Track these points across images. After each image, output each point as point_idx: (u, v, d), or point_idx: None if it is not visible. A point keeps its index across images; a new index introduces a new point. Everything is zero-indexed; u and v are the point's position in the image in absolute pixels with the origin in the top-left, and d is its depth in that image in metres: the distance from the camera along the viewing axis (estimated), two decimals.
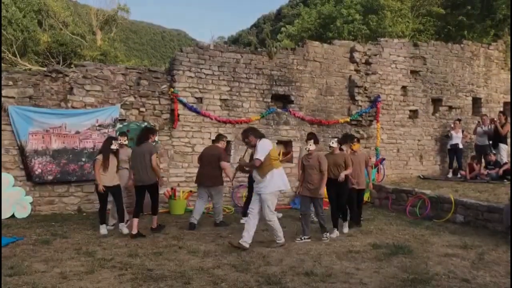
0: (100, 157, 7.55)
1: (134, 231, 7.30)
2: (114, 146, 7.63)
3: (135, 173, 7.65)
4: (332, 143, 7.72)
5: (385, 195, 10.86)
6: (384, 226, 8.47)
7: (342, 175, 7.52)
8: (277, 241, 6.77)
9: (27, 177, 9.24)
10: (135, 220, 7.37)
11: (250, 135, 6.82)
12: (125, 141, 8.26)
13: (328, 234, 7.26)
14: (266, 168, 6.59)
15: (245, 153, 7.76)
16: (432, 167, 13.49)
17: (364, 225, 8.46)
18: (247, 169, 7.48)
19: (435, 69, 13.48)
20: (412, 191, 10.15)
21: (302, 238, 7.14)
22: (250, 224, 6.65)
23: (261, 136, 6.90)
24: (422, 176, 12.81)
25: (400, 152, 13.05)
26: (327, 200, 7.96)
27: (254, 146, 6.79)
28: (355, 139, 8.85)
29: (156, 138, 9.80)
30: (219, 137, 9.09)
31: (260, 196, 6.67)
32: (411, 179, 12.58)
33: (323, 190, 7.21)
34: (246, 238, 6.54)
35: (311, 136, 7.84)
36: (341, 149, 7.88)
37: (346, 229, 7.89)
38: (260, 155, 6.59)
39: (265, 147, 6.65)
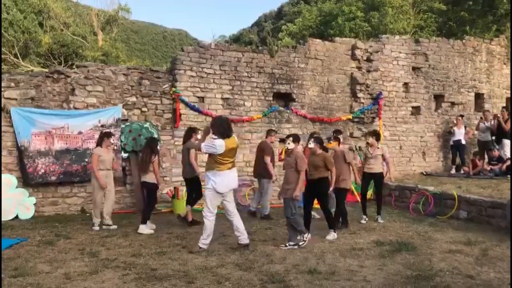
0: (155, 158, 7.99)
1: (190, 219, 8.20)
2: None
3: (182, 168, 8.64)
4: (310, 143, 7.30)
5: (388, 192, 10.83)
6: (387, 223, 8.47)
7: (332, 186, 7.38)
8: (200, 242, 6.35)
9: (24, 179, 9.18)
10: (189, 208, 8.36)
11: (213, 127, 6.43)
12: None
13: (306, 235, 6.68)
14: (208, 165, 6.42)
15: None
16: (435, 163, 13.46)
17: (367, 222, 8.45)
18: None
19: (437, 65, 13.44)
20: (415, 187, 10.13)
21: (287, 244, 6.62)
22: (237, 224, 6.49)
23: (224, 135, 6.35)
24: (425, 173, 12.79)
25: (402, 149, 13.03)
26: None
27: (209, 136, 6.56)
28: (332, 137, 8.54)
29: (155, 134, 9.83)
30: (269, 132, 9.65)
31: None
32: (414, 176, 12.55)
33: (298, 192, 6.68)
34: (244, 235, 6.49)
35: (290, 135, 7.33)
36: (325, 149, 7.56)
37: (330, 236, 7.14)
38: (207, 147, 6.31)
39: (214, 145, 6.23)
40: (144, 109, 10.25)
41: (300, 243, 6.59)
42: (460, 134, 12.63)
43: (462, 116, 13.05)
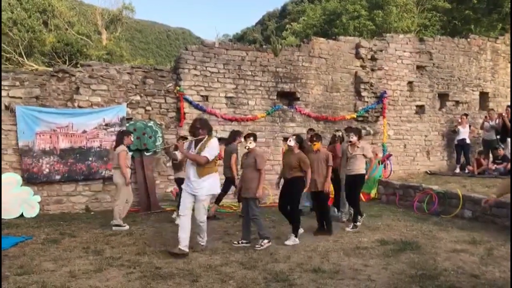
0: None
1: (211, 214, 8.29)
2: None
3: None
4: (290, 141, 7.07)
5: (392, 191, 10.82)
6: (392, 222, 8.44)
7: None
8: (200, 243, 6.37)
9: (25, 177, 9.18)
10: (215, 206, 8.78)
11: (204, 128, 6.25)
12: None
13: (265, 241, 6.46)
14: (208, 169, 6.17)
15: (189, 141, 6.48)
16: (439, 162, 13.42)
17: (371, 222, 8.42)
18: (177, 156, 7.50)
19: (441, 64, 13.40)
20: (419, 186, 10.10)
21: (239, 242, 6.59)
22: (186, 226, 6.15)
23: (211, 134, 6.39)
24: (429, 172, 12.75)
25: (407, 148, 13.00)
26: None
27: (198, 140, 6.19)
28: (319, 138, 7.84)
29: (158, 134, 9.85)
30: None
31: (195, 197, 6.15)
32: (418, 175, 12.52)
33: (260, 191, 6.55)
34: (186, 242, 6.06)
35: (250, 134, 7.06)
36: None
37: (289, 241, 6.73)
38: (210, 154, 6.12)
39: (215, 148, 6.21)
40: (148, 108, 10.27)
41: (256, 246, 6.37)
42: (464, 133, 12.59)
43: (466, 115, 13.00)
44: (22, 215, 8.91)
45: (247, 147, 6.79)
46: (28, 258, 5.84)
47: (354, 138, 8.09)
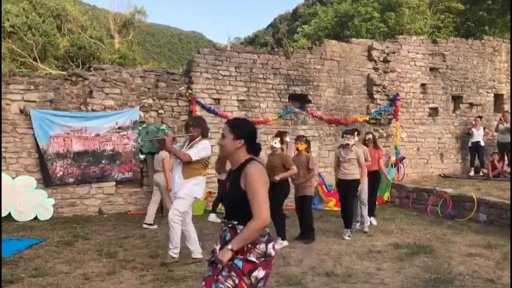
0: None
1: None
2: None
3: None
4: (275, 143, 6.95)
5: (405, 194, 10.74)
6: (405, 226, 8.38)
7: (276, 178, 6.65)
8: (170, 254, 5.76)
9: (45, 181, 9.33)
10: None
11: (197, 127, 6.00)
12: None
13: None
14: (194, 171, 5.84)
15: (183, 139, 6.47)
16: (453, 165, 13.28)
17: (384, 225, 8.37)
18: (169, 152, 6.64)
19: (455, 65, 13.27)
20: (433, 190, 10.01)
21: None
22: (191, 234, 6.00)
23: (205, 135, 6.12)
24: (443, 175, 12.62)
25: (420, 151, 12.89)
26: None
27: (192, 139, 5.97)
28: (304, 138, 7.56)
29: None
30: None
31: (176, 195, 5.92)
32: (432, 178, 12.40)
33: None
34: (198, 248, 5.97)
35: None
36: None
37: (276, 245, 6.52)
38: (194, 154, 5.77)
39: (203, 150, 5.87)
40: (160, 111, 10.32)
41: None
42: (479, 135, 12.44)
43: (480, 117, 12.85)
44: (36, 217, 9.00)
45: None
46: (43, 260, 5.90)
47: (351, 140, 7.58)
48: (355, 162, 7.54)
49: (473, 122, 12.78)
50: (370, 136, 8.98)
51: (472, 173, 12.38)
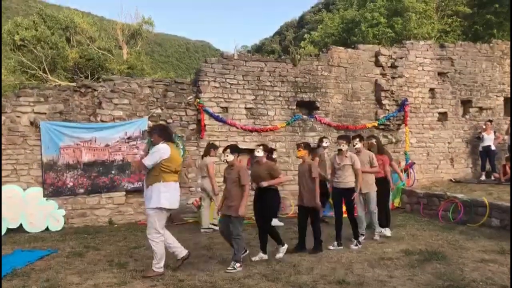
0: None
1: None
2: None
3: None
4: (258, 152, 6.58)
5: (416, 200, 10.65)
6: (416, 232, 8.30)
7: (263, 184, 6.38)
8: (153, 268, 5.65)
9: (45, 192, 9.31)
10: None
11: (154, 134, 5.86)
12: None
13: (236, 264, 5.92)
14: (153, 177, 5.64)
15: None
16: (464, 170, 13.16)
17: (395, 231, 8.29)
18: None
19: (463, 70, 13.20)
20: (444, 195, 9.91)
21: (234, 266, 5.90)
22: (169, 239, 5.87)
23: (167, 139, 5.82)
24: (454, 180, 12.51)
25: (430, 156, 12.80)
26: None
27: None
28: (302, 145, 7.18)
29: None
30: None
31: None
32: (443, 183, 12.29)
33: (243, 209, 6.07)
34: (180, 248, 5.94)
35: (228, 146, 6.48)
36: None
37: (255, 257, 6.41)
38: (148, 160, 5.61)
39: (156, 153, 5.62)
40: (169, 121, 10.36)
41: (229, 268, 5.86)
42: (489, 139, 12.33)
43: (491, 121, 12.75)
44: (47, 228, 9.06)
45: (225, 160, 6.38)
46: (54, 271, 5.91)
47: (343, 146, 7.20)
48: (350, 169, 7.15)
49: (483, 126, 12.67)
50: (373, 140, 8.48)
51: (483, 177, 12.25)
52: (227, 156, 6.25)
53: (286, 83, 11.34)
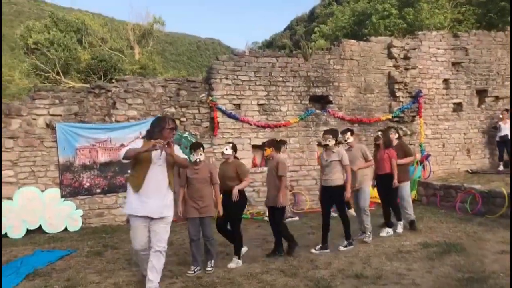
0: None
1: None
2: None
3: None
4: (226, 149, 6.19)
5: (432, 192, 10.56)
6: (434, 224, 8.23)
7: (235, 191, 5.95)
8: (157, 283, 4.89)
9: (62, 193, 9.43)
10: None
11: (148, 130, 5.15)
12: None
13: (212, 263, 5.81)
14: (129, 178, 5.03)
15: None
16: (481, 160, 13.00)
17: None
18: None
19: (478, 59, 13.00)
20: (461, 186, 9.81)
21: (195, 270, 5.66)
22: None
23: (149, 135, 5.04)
24: (470, 171, 12.36)
25: (445, 147, 12.66)
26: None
27: None
28: (267, 142, 6.82)
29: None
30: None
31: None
32: (459, 174, 12.16)
33: (220, 207, 5.87)
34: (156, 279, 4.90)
35: (197, 145, 5.97)
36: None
37: (232, 263, 5.96)
38: (123, 150, 4.79)
39: (131, 145, 4.94)
40: (182, 119, 10.40)
41: (191, 271, 5.63)
42: (506, 129, 12.14)
43: (508, 110, 12.55)
44: (66, 228, 9.18)
45: (198, 160, 5.84)
46: (74, 271, 6.00)
47: (329, 141, 6.67)
48: (338, 165, 6.61)
49: (500, 116, 12.48)
50: (379, 133, 8.04)
51: (501, 167, 12.07)
52: (200, 155, 5.82)
53: (298, 78, 11.30)
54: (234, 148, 6.33)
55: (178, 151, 5.08)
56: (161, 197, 4.84)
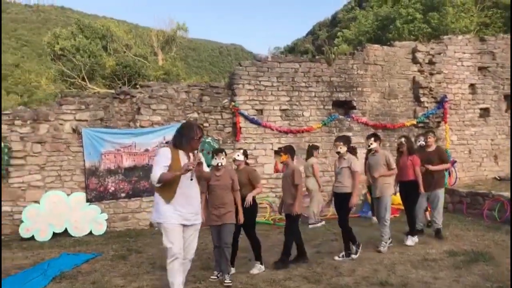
0: None
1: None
2: None
3: None
4: (238, 155, 6.09)
5: (458, 199, 10.33)
6: (460, 232, 8.05)
7: (249, 198, 5.88)
8: None
9: (88, 197, 9.59)
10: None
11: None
12: None
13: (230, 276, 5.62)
14: (159, 190, 4.80)
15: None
16: (509, 167, 12.69)
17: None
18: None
19: (505, 63, 12.74)
20: (488, 194, 9.58)
21: (218, 275, 5.67)
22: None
23: (176, 143, 4.85)
24: (498, 178, 12.08)
25: (472, 153, 12.42)
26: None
27: None
28: (282, 148, 6.66)
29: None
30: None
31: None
32: (486, 181, 11.90)
33: (241, 215, 5.74)
34: None
35: (219, 150, 5.92)
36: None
37: (255, 269, 5.96)
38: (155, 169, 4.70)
39: (160, 159, 4.74)
40: (205, 125, 10.47)
41: (214, 276, 5.67)
42: None
43: None
44: (91, 232, 9.32)
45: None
46: (99, 274, 6.07)
47: (341, 148, 6.54)
48: (347, 171, 6.47)
49: None
50: (402, 140, 7.53)
51: None
52: (222, 159, 5.73)
53: (321, 83, 11.26)
54: (246, 154, 6.26)
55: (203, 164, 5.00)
56: (191, 206, 4.84)
